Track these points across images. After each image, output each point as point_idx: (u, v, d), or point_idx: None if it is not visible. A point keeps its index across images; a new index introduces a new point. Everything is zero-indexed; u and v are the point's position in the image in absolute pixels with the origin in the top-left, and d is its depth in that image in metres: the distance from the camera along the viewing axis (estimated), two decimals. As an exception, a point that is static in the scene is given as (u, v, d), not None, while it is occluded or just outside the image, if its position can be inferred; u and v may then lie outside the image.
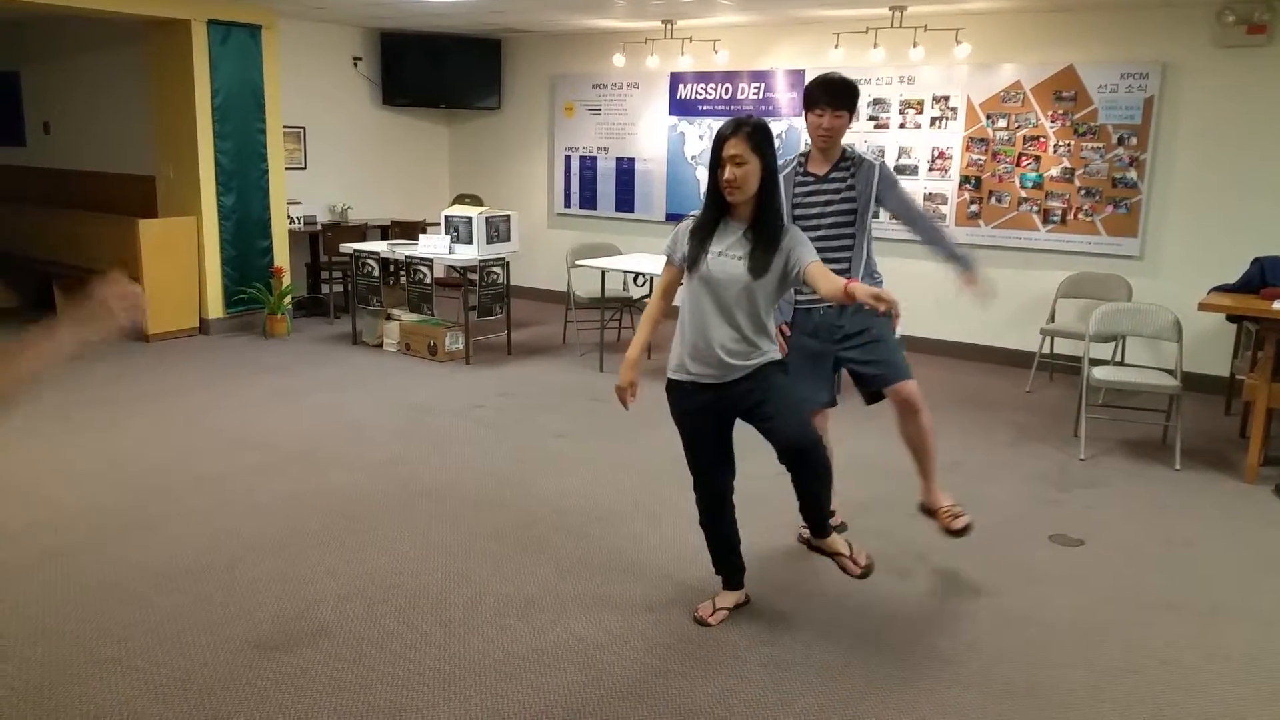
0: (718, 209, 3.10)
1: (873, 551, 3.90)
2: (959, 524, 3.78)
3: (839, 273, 3.61)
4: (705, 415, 3.21)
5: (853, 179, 3.70)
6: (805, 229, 3.67)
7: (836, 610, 3.44)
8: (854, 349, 3.77)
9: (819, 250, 3.63)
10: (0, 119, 9.61)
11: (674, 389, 3.21)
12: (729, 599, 3.41)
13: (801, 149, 3.85)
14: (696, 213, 3.19)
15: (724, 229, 3.11)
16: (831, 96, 3.63)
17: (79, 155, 8.81)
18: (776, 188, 3.10)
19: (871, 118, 7.51)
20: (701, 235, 3.12)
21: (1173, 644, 3.27)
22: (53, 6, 6.59)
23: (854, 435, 5.48)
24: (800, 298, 3.71)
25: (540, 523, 4.13)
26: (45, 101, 9.07)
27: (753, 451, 3.33)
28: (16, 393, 1.78)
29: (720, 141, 3.01)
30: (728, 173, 2.98)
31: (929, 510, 3.89)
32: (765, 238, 3.04)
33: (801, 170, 3.77)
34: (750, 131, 2.98)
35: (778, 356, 3.16)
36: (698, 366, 3.13)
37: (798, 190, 3.76)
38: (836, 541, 3.34)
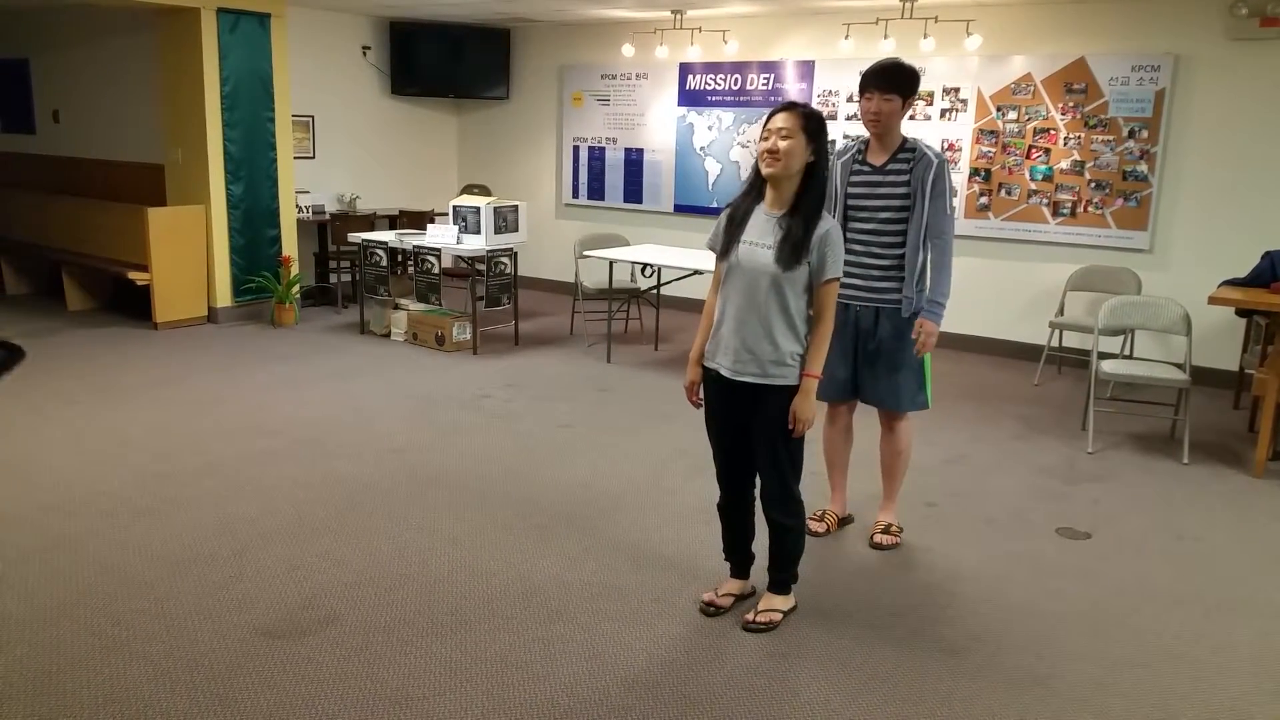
0: (753, 192, 3.06)
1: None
2: (888, 541, 3.89)
3: (886, 270, 3.61)
4: (721, 409, 3.18)
5: (909, 172, 3.54)
6: (858, 220, 3.62)
7: (843, 601, 3.44)
8: (872, 362, 3.76)
9: (869, 244, 3.59)
10: (10, 107, 9.64)
11: (704, 375, 3.20)
12: (734, 586, 3.41)
13: (858, 137, 3.68)
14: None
15: (760, 217, 3.03)
16: (880, 79, 3.50)
17: (88, 143, 8.83)
18: (821, 179, 2.99)
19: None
20: (735, 221, 3.06)
21: (1180, 637, 3.27)
22: (62, -6, 6.60)
23: (862, 429, 5.48)
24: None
25: (547, 513, 4.14)
26: (55, 89, 9.09)
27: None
28: None
29: (769, 118, 2.96)
30: (770, 142, 2.91)
31: (882, 528, 3.97)
32: (797, 226, 2.94)
33: (860, 159, 3.64)
34: (805, 112, 2.94)
35: (793, 383, 3.01)
36: (719, 355, 3.11)
37: (853, 179, 3.63)
38: (771, 599, 3.31)
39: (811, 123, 2.93)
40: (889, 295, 3.67)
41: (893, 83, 3.49)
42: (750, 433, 3.13)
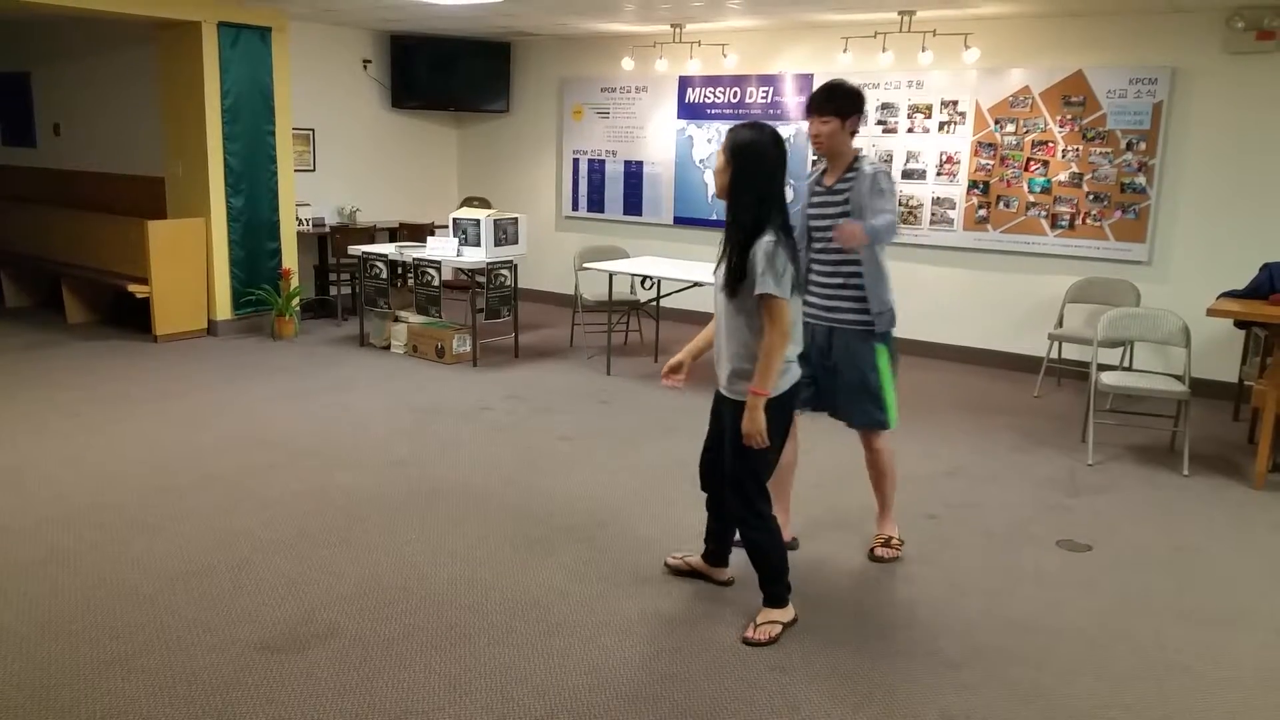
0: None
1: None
2: (888, 554, 3.90)
3: (838, 289, 3.67)
4: (712, 415, 3.42)
5: (849, 192, 3.61)
6: (817, 241, 3.74)
7: (842, 614, 3.44)
8: (831, 380, 3.79)
9: (823, 263, 3.66)
10: (11, 120, 9.66)
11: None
12: (698, 562, 3.64)
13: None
14: None
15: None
16: (816, 102, 3.61)
17: (89, 156, 8.85)
18: (745, 198, 3.08)
19: (880, 122, 7.50)
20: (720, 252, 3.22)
21: (1182, 650, 3.26)
22: (64, 8, 6.62)
23: (855, 441, 5.47)
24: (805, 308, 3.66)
25: (547, 525, 4.13)
26: (56, 103, 9.11)
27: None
28: None
29: None
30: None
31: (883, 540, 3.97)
32: (732, 251, 3.09)
33: (819, 181, 3.75)
34: (730, 132, 3.13)
35: (739, 395, 3.14)
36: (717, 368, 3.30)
37: (812, 200, 3.75)
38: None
39: (728, 142, 3.10)
40: (841, 314, 3.72)
41: (828, 104, 3.57)
42: (723, 448, 3.31)
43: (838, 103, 3.57)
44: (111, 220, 7.94)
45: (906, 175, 7.45)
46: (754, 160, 3.07)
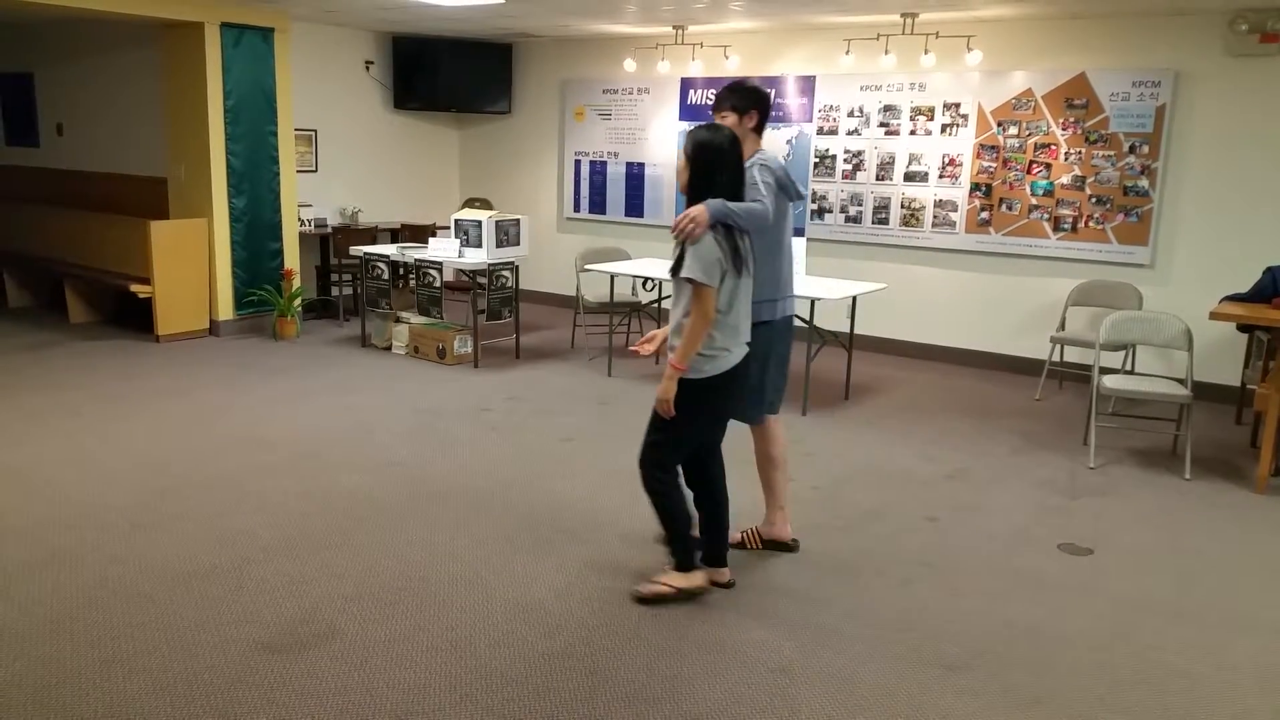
0: None
1: (880, 558, 3.92)
2: (778, 541, 3.92)
3: (761, 286, 3.64)
4: None
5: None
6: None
7: (843, 617, 3.43)
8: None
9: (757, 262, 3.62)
10: (14, 120, 9.67)
11: None
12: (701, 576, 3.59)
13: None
14: None
15: None
16: (716, 100, 3.71)
17: (91, 156, 8.86)
18: (703, 195, 3.25)
19: (882, 124, 7.51)
20: None
21: (1183, 654, 3.26)
22: (67, 9, 6.63)
23: (857, 443, 5.48)
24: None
25: (548, 526, 4.13)
26: (59, 103, 9.12)
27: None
28: None
29: None
30: None
31: (767, 538, 3.95)
32: (678, 240, 3.28)
33: None
34: (689, 133, 3.34)
35: (689, 376, 3.27)
36: None
37: None
38: (666, 573, 3.56)
39: (687, 143, 3.30)
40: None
41: (725, 102, 3.67)
42: None
43: (732, 100, 3.67)
44: (114, 220, 7.95)
45: (909, 178, 7.45)
46: (712, 159, 3.27)
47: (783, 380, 3.88)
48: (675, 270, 3.27)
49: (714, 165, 3.27)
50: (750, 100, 3.67)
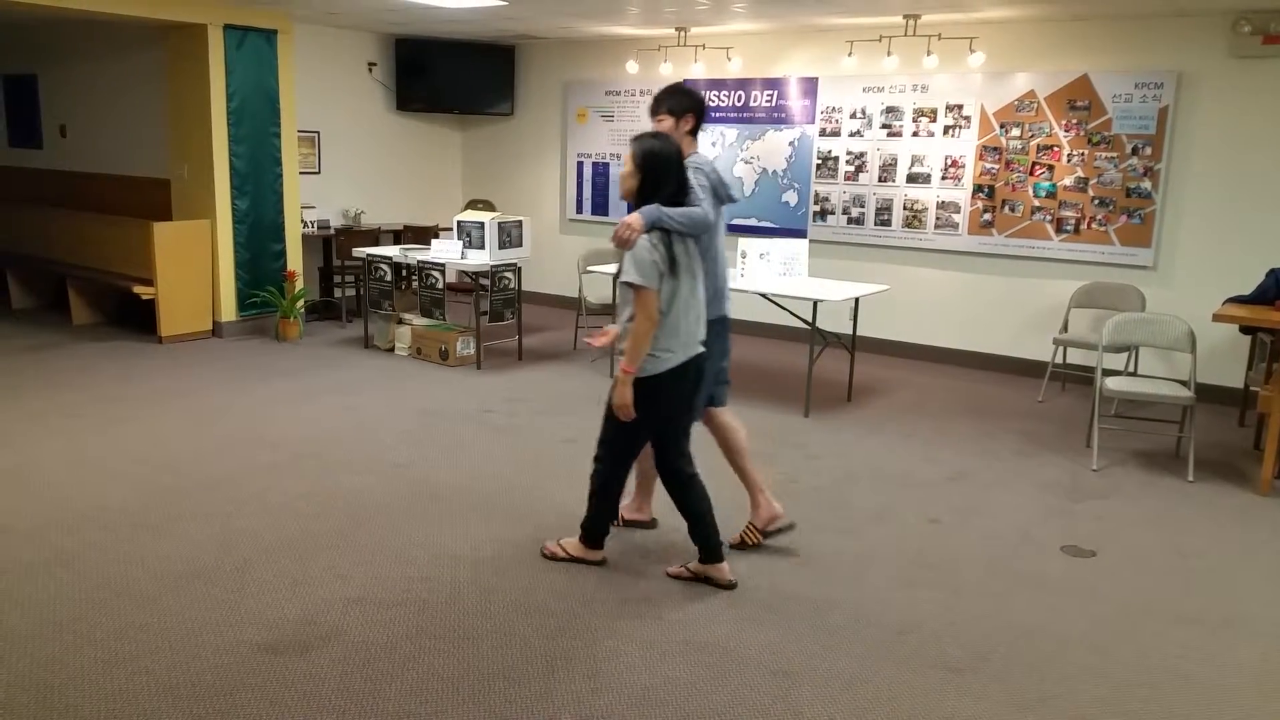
0: None
1: (882, 560, 3.91)
2: (776, 525, 4.00)
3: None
4: None
5: None
6: None
7: (846, 619, 3.43)
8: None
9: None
10: (18, 122, 9.69)
11: None
12: (697, 567, 3.68)
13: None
14: None
15: None
16: (653, 104, 3.79)
17: (95, 158, 8.87)
18: (645, 199, 3.36)
19: (884, 126, 7.50)
20: None
21: (1186, 657, 3.25)
22: (70, 11, 6.64)
23: (859, 445, 5.48)
24: None
25: (550, 527, 4.13)
26: (62, 104, 9.14)
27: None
28: None
29: None
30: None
31: (764, 529, 3.99)
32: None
33: None
34: (634, 140, 3.44)
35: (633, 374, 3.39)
36: None
37: None
38: (572, 540, 3.83)
39: (635, 151, 3.40)
40: None
41: (661, 105, 3.76)
42: None
43: (669, 103, 3.75)
44: (117, 222, 7.96)
45: (911, 179, 7.45)
46: (660, 167, 3.38)
47: (723, 373, 3.95)
48: (619, 274, 3.39)
49: (662, 173, 3.37)
50: (687, 103, 3.78)
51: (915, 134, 7.39)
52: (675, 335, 3.42)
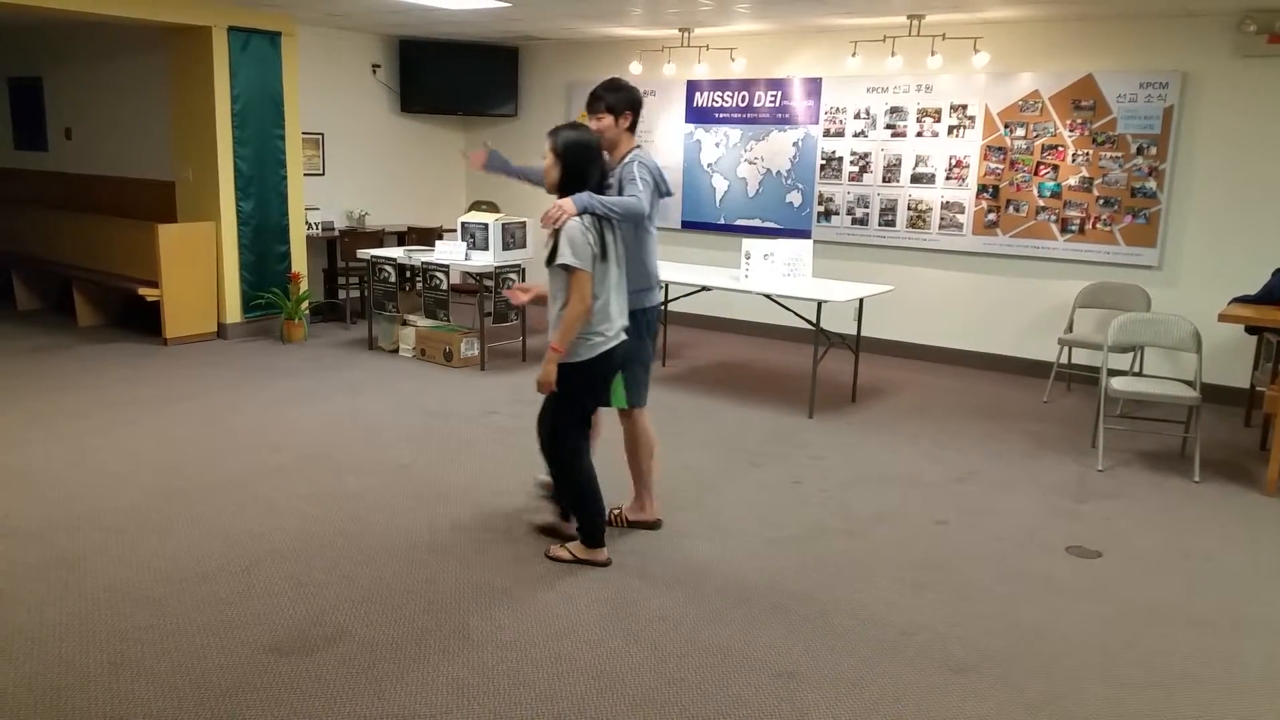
0: None
1: (888, 561, 3.91)
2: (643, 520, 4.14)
3: (632, 278, 3.84)
4: None
5: (615, 181, 3.84)
6: None
7: (851, 620, 3.43)
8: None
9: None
10: (23, 124, 9.72)
11: None
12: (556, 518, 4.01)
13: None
14: None
15: None
16: (590, 101, 3.94)
17: (100, 160, 8.89)
18: (571, 190, 3.51)
19: (889, 126, 7.50)
20: None
21: (1192, 658, 3.24)
22: (75, 13, 6.66)
23: (864, 446, 5.47)
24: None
25: (554, 529, 4.13)
26: (67, 107, 9.16)
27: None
28: None
29: None
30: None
31: (634, 520, 4.13)
32: (551, 234, 3.51)
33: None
34: (554, 133, 3.59)
35: (570, 361, 3.53)
36: None
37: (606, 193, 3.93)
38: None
39: (556, 143, 3.55)
40: None
41: (600, 102, 3.92)
42: None
43: (609, 99, 3.91)
44: (122, 224, 7.98)
45: (915, 179, 7.44)
46: (579, 157, 3.55)
47: (645, 376, 4.05)
48: (550, 260, 3.50)
49: (584, 162, 3.55)
50: (626, 100, 3.95)
51: (919, 134, 7.39)
52: (607, 319, 3.58)
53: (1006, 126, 7.03)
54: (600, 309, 3.54)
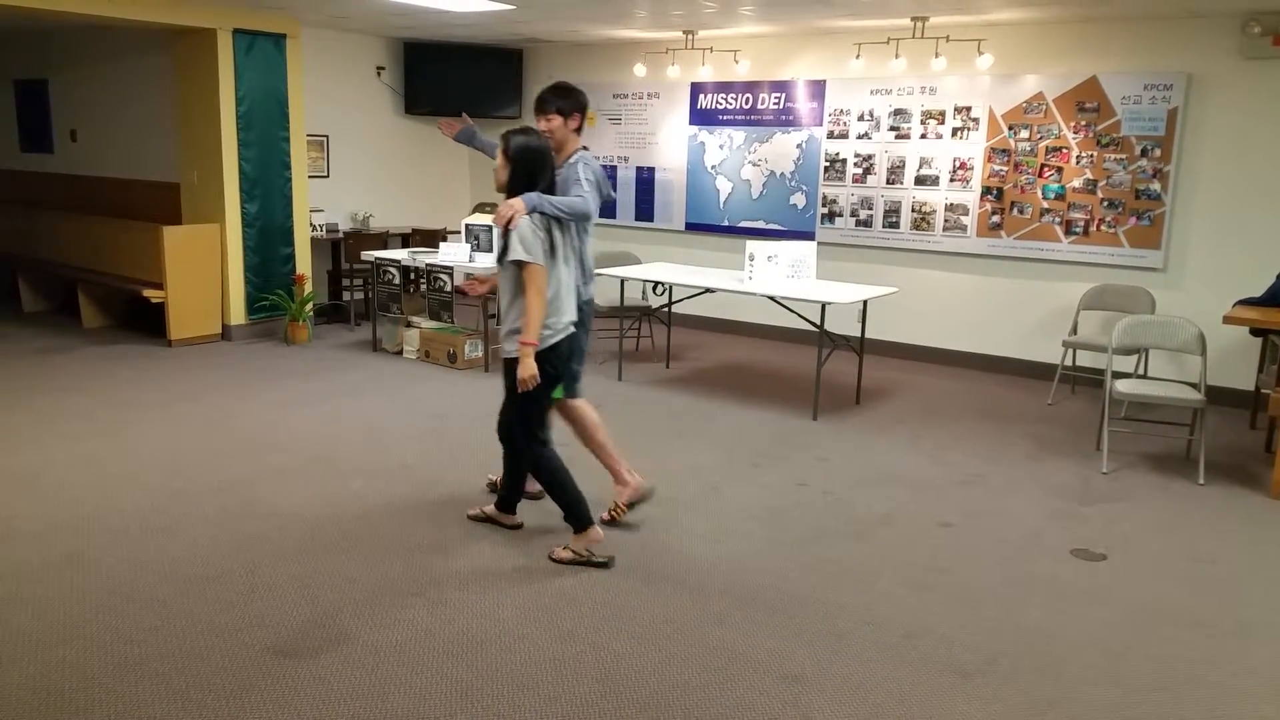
0: None
1: (893, 563, 3.91)
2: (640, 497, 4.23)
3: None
4: (504, 378, 3.87)
5: (563, 178, 3.93)
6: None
7: (856, 624, 3.42)
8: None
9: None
10: (29, 126, 9.74)
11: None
12: (491, 510, 4.15)
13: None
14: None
15: None
16: (539, 103, 4.07)
17: (105, 162, 8.91)
18: (520, 191, 3.63)
19: (893, 128, 7.49)
20: None
21: (1198, 661, 3.24)
22: (81, 16, 6.67)
23: (868, 448, 5.47)
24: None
25: (557, 531, 4.12)
26: (73, 109, 9.18)
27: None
28: None
29: None
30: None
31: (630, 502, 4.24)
32: (502, 232, 3.65)
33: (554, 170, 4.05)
34: (508, 135, 3.72)
35: (513, 354, 3.66)
36: None
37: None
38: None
39: (507, 146, 3.68)
40: None
41: (548, 104, 4.06)
42: None
43: (559, 103, 4.06)
44: (127, 226, 7.99)
45: (920, 181, 7.43)
46: (529, 160, 3.68)
47: (580, 367, 4.24)
48: (502, 258, 3.66)
49: (534, 165, 3.68)
50: (574, 103, 4.11)
51: (923, 136, 7.38)
52: (557, 312, 3.73)
53: (1011, 128, 7.02)
54: (550, 302, 3.68)
